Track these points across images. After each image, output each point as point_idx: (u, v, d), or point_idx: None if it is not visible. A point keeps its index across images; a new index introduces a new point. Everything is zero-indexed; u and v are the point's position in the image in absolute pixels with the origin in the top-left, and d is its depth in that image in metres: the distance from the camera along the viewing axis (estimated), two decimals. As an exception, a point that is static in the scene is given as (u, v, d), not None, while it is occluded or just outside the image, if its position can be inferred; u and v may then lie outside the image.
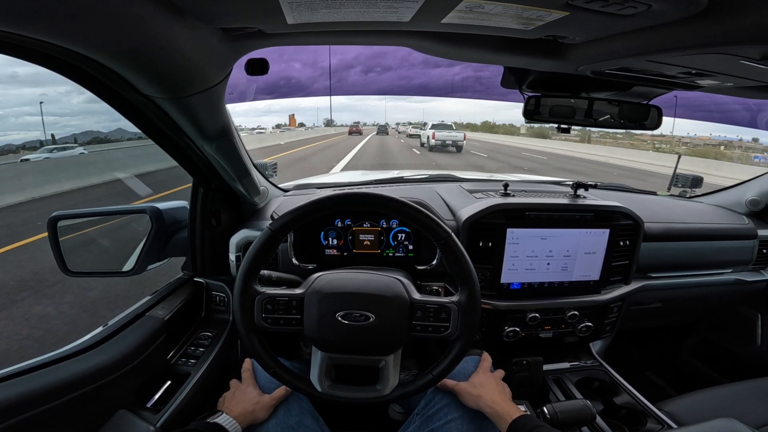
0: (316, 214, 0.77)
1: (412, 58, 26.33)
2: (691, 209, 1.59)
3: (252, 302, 0.75)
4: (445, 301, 0.76)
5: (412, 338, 0.78)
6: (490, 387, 0.87)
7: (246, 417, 0.83)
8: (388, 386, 0.78)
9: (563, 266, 1.20)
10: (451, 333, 0.75)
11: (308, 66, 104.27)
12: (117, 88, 0.66)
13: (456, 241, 0.77)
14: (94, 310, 3.06)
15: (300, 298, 0.76)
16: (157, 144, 0.87)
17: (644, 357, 1.98)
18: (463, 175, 1.83)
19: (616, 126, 1.09)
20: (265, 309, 0.75)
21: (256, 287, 0.76)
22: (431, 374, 0.78)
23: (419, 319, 0.76)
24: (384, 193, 0.78)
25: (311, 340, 0.78)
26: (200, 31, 0.59)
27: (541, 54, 0.82)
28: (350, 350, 0.78)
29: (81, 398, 0.72)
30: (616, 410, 1.09)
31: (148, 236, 1.07)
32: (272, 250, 0.77)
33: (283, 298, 0.76)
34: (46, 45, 0.48)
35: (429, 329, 0.76)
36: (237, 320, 0.76)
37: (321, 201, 0.76)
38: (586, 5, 0.53)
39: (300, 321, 0.76)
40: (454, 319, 0.75)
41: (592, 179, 1.29)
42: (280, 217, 0.76)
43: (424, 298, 0.77)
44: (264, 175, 1.42)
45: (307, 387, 0.79)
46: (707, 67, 0.74)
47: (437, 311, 0.76)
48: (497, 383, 0.90)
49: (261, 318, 0.75)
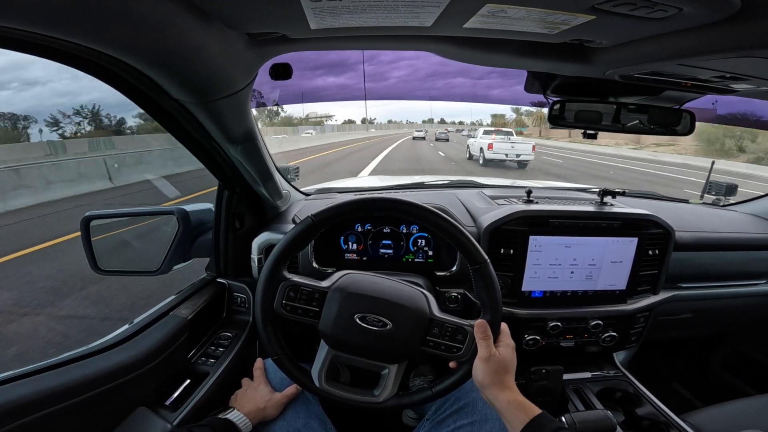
0: (357, 213, 0.78)
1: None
2: (725, 218, 1.53)
3: (276, 286, 0.76)
4: (465, 323, 0.76)
5: (422, 352, 0.77)
6: (508, 371, 0.74)
7: (257, 414, 0.84)
8: (384, 394, 0.78)
9: (588, 275, 1.17)
10: (462, 355, 0.75)
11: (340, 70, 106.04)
12: (149, 92, 0.68)
13: (491, 269, 0.76)
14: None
15: (323, 292, 0.77)
16: (185, 147, 0.89)
17: (671, 368, 1.90)
18: (485, 181, 1.81)
19: (646, 132, 1.05)
20: (287, 296, 0.76)
21: (284, 273, 0.77)
22: (431, 391, 0.78)
23: (434, 336, 0.76)
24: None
25: (323, 335, 0.78)
26: (227, 37, 0.60)
27: (567, 58, 0.80)
28: (359, 352, 0.78)
29: (104, 395, 0.74)
30: (638, 421, 1.05)
31: (174, 237, 1.10)
32: (308, 240, 0.79)
33: (307, 288, 0.77)
34: (82, 48, 0.49)
35: (441, 347, 0.76)
36: (256, 302, 0.77)
37: (365, 201, 0.77)
38: (613, 9, 0.52)
39: (317, 314, 0.77)
40: (469, 342, 0.75)
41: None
42: (324, 210, 0.77)
43: (444, 317, 0.77)
44: (286, 179, 1.44)
45: (306, 380, 0.80)
46: (742, 70, 0.71)
47: (454, 332, 0.76)
48: (513, 358, 0.76)
49: (281, 304, 0.76)
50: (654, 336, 1.36)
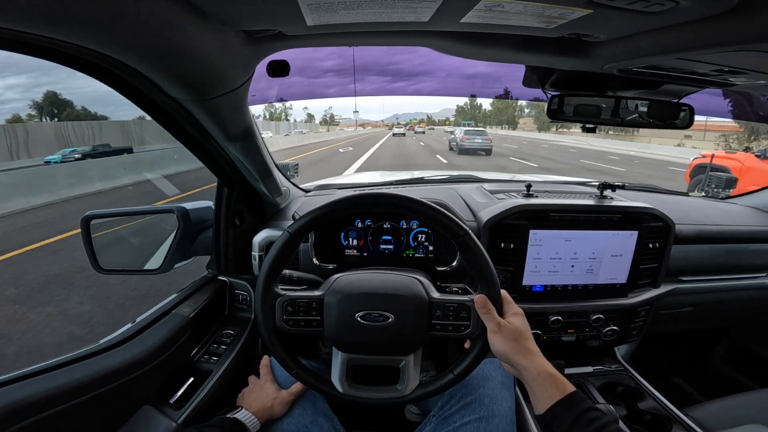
0: (332, 216, 0.78)
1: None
2: (725, 211, 1.53)
3: (273, 304, 0.76)
4: (465, 299, 0.76)
5: (432, 338, 0.77)
6: (526, 337, 0.71)
7: (265, 412, 0.85)
8: (408, 386, 0.78)
9: (588, 269, 1.17)
10: (472, 331, 0.75)
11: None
12: (145, 91, 0.68)
13: (474, 238, 0.76)
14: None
15: (320, 300, 0.77)
16: (184, 145, 0.89)
17: (672, 362, 1.91)
18: (485, 175, 1.81)
19: (645, 125, 1.05)
20: (285, 311, 0.76)
21: (276, 289, 0.77)
22: (452, 373, 0.78)
23: (439, 318, 0.76)
24: (404, 193, 0.78)
25: (331, 341, 0.79)
26: (223, 34, 0.60)
27: (565, 52, 0.80)
28: (370, 351, 0.79)
29: (108, 394, 0.75)
30: (640, 416, 1.05)
31: (175, 235, 1.10)
32: (291, 252, 0.78)
33: (303, 300, 0.77)
34: (77, 48, 0.49)
35: (449, 328, 0.76)
36: (259, 322, 0.78)
37: (336, 203, 0.77)
38: (610, 2, 0.51)
39: (320, 322, 0.77)
40: (474, 317, 0.75)
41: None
42: (297, 221, 0.77)
43: (444, 297, 0.77)
44: (286, 175, 1.45)
45: (329, 388, 0.80)
46: (740, 64, 0.71)
47: (457, 310, 0.75)
48: (526, 324, 0.73)
49: (282, 320, 0.76)
50: (655, 330, 1.36)
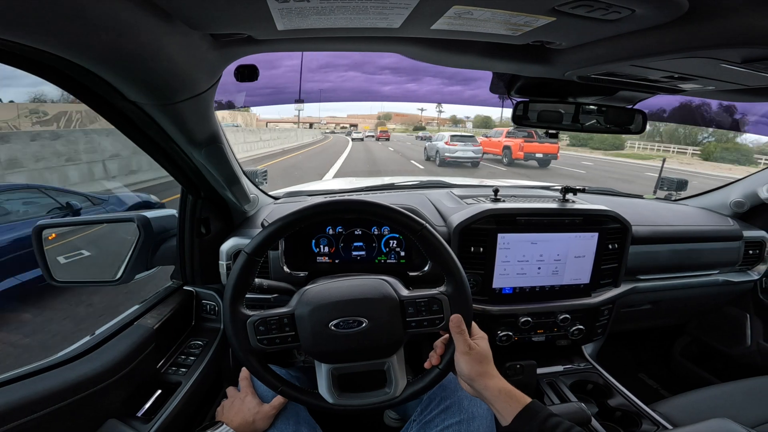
0: (287, 231, 0.76)
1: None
2: (677, 212, 1.62)
3: (244, 326, 0.74)
4: (434, 292, 0.76)
5: (410, 335, 0.77)
6: (489, 361, 0.76)
7: (246, 428, 0.81)
8: (398, 387, 0.78)
9: (554, 270, 1.20)
10: (447, 324, 0.75)
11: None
12: (103, 94, 0.65)
13: (432, 231, 0.76)
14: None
15: (290, 315, 0.76)
16: (145, 151, 0.86)
17: (636, 359, 1.99)
18: (454, 180, 1.84)
19: (603, 131, 1.10)
20: (258, 331, 0.74)
21: (244, 311, 0.75)
22: (438, 368, 0.78)
23: (412, 315, 0.76)
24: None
25: (309, 353, 0.77)
26: (189, 38, 0.58)
27: (529, 59, 0.83)
28: (350, 358, 0.78)
29: (69, 408, 0.71)
30: (611, 412, 1.09)
31: (135, 245, 1.06)
32: (252, 272, 0.77)
33: (273, 317, 0.75)
34: (29, 49, 0.47)
35: (424, 323, 0.76)
36: (233, 346, 0.75)
37: (288, 218, 0.76)
38: (572, 10, 0.54)
39: (295, 337, 0.76)
40: (447, 309, 0.75)
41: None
42: (253, 240, 0.75)
43: (413, 293, 0.77)
44: (254, 182, 1.41)
45: (319, 401, 0.79)
46: (689, 71, 0.75)
47: (429, 304, 0.76)
48: (488, 348, 0.77)
49: (256, 340, 0.74)
50: (618, 328, 1.42)
